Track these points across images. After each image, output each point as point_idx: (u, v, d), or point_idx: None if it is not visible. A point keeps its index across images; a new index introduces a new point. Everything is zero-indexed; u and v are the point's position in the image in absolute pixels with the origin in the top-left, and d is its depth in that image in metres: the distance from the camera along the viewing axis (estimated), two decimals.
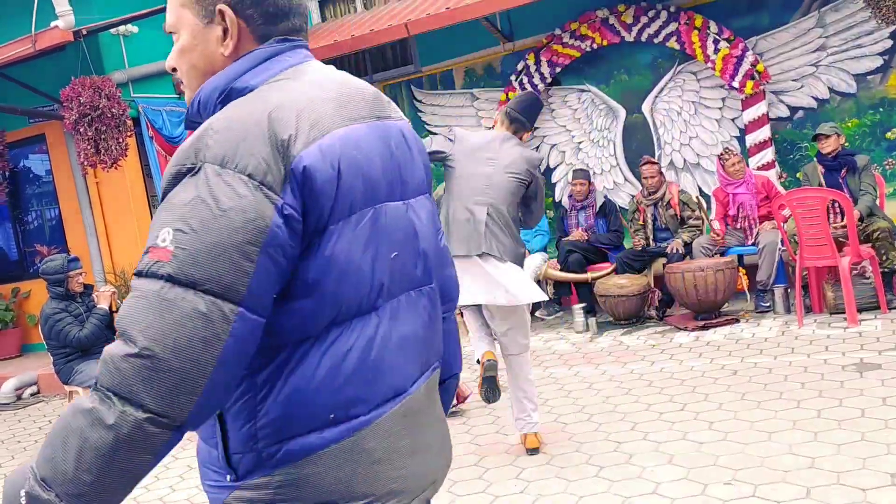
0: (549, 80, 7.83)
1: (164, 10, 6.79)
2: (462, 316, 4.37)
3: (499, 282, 3.67)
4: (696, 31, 7.02)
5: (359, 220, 1.22)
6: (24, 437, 5.97)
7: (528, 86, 7.83)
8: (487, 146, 3.85)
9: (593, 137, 7.97)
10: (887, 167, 6.76)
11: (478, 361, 4.06)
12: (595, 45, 7.54)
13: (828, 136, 6.02)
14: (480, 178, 3.76)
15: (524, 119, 3.96)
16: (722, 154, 6.57)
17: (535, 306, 7.39)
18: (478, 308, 4.00)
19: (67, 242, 8.40)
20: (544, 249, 7.34)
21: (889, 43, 6.64)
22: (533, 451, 3.91)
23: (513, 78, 7.92)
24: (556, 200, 8.14)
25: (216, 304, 1.07)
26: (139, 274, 1.11)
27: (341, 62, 9.10)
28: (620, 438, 3.93)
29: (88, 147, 6.80)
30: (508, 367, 3.95)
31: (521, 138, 3.98)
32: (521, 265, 3.86)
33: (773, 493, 3.07)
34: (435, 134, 4.58)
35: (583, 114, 7.98)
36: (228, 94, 1.25)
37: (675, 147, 7.60)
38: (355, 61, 9.04)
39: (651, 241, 6.76)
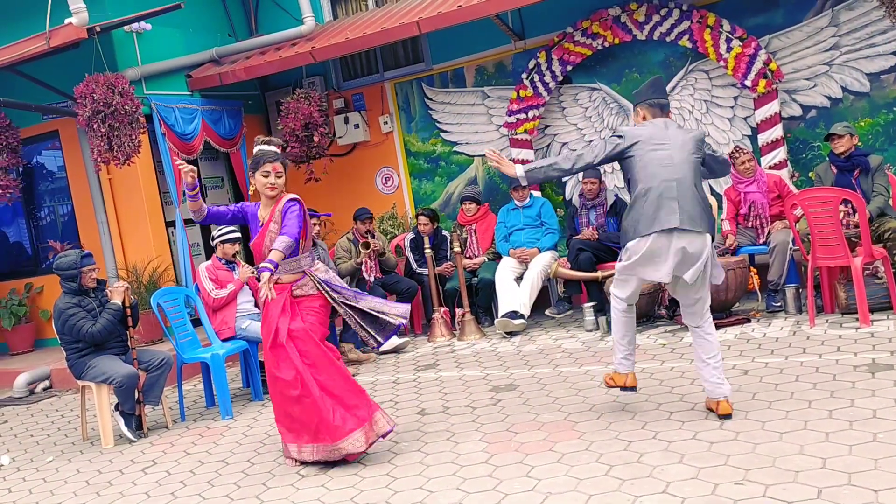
0: (560, 78, 7.82)
1: (176, 7, 6.79)
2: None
3: (693, 255, 3.94)
4: (708, 30, 6.99)
5: None
6: (36, 432, 6.02)
7: (539, 84, 7.83)
8: (656, 136, 4.11)
9: (604, 136, 7.95)
10: None
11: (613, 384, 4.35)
12: (607, 44, 7.53)
13: (841, 136, 5.99)
14: (663, 159, 4.04)
15: (667, 101, 4.34)
16: (732, 152, 6.55)
17: (545, 305, 7.40)
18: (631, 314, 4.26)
19: (80, 238, 8.44)
20: (555, 248, 7.34)
21: None
22: (726, 417, 3.97)
23: (524, 76, 7.91)
24: (567, 199, 8.14)
25: None
26: None
27: (353, 60, 9.12)
28: (630, 437, 3.93)
29: (101, 144, 6.83)
30: (695, 340, 4.12)
31: (643, 118, 4.28)
32: (713, 232, 4.08)
33: (784, 493, 3.06)
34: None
35: (594, 112, 7.97)
36: None
37: None
38: (367, 59, 9.06)
39: None
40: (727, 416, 3.97)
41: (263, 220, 4.26)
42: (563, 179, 8.03)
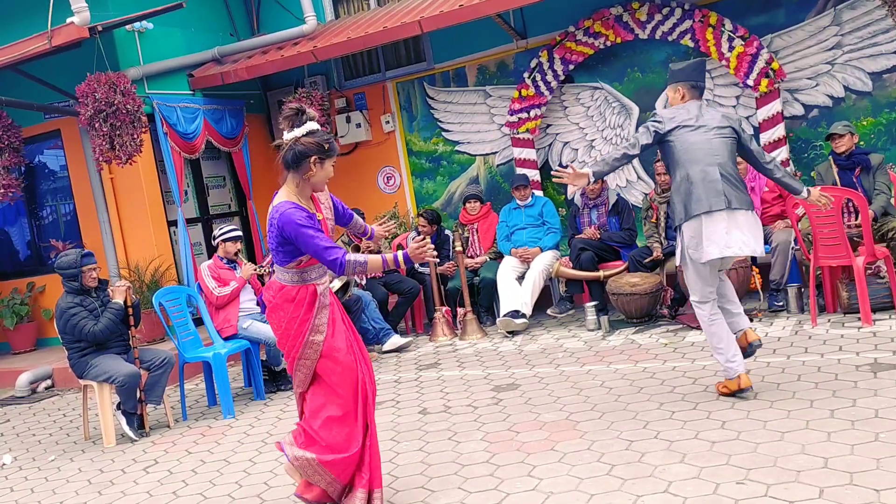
0: (562, 77, 7.82)
1: (178, 6, 6.74)
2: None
3: (744, 231, 4.13)
4: (710, 29, 6.99)
5: None
6: (38, 431, 6.02)
7: (541, 83, 7.82)
8: (692, 118, 4.26)
9: (606, 135, 7.95)
10: None
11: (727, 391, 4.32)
12: (609, 43, 7.53)
13: (842, 136, 5.99)
14: (702, 144, 4.20)
15: (704, 84, 4.48)
16: None
17: (547, 304, 7.40)
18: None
19: (82, 237, 8.45)
20: (556, 247, 7.34)
21: None
22: (746, 391, 4.19)
23: (526, 75, 7.91)
24: (569, 198, 8.14)
25: None
26: None
27: (355, 59, 9.12)
28: (632, 437, 3.93)
29: (103, 143, 6.84)
30: (728, 315, 4.34)
31: (682, 98, 4.39)
32: (753, 209, 4.25)
33: (786, 492, 3.06)
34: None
35: (596, 111, 7.97)
36: None
37: None
38: (369, 58, 9.06)
39: (664, 240, 6.73)
40: (749, 389, 4.18)
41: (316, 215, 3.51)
42: None
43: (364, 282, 7.27)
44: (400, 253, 3.39)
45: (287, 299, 3.41)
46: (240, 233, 6.26)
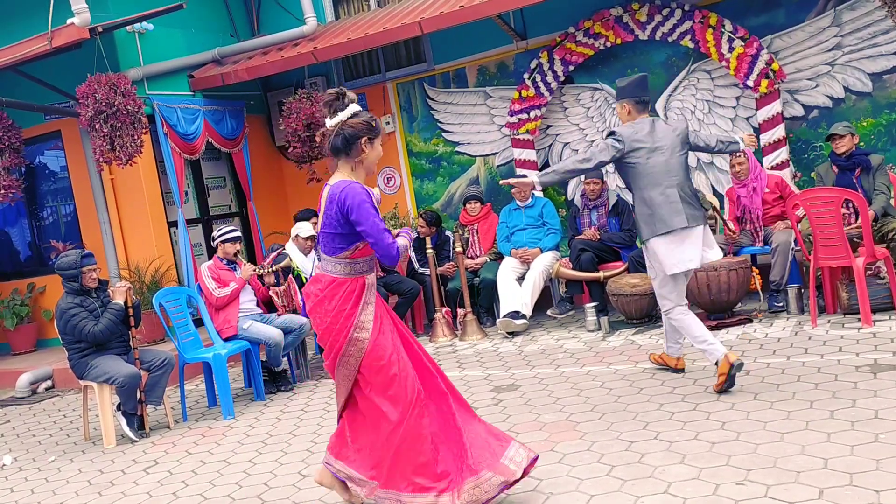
0: (562, 78, 7.82)
1: (178, 7, 6.73)
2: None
3: (699, 246, 4.52)
4: (710, 30, 6.99)
5: None
6: (38, 431, 6.02)
7: (541, 84, 7.83)
8: (649, 139, 4.53)
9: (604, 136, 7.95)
10: None
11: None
12: (609, 44, 7.53)
13: (842, 136, 5.99)
14: (661, 166, 4.50)
15: (648, 98, 4.75)
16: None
17: (547, 305, 7.40)
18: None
19: (83, 238, 8.45)
20: (556, 248, 7.34)
21: None
22: (736, 366, 4.39)
23: (526, 76, 7.91)
24: (569, 199, 8.14)
25: None
26: None
27: (355, 60, 9.12)
28: (632, 437, 3.93)
29: (104, 144, 6.84)
30: (684, 320, 4.66)
31: (629, 113, 4.66)
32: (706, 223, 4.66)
33: (786, 493, 3.06)
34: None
35: (596, 112, 7.97)
36: None
37: None
38: (369, 59, 9.06)
39: None
40: (740, 366, 4.37)
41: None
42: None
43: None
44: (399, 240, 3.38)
45: (336, 292, 3.29)
46: (239, 233, 6.25)
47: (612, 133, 4.55)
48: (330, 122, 3.40)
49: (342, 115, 3.37)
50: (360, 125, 3.34)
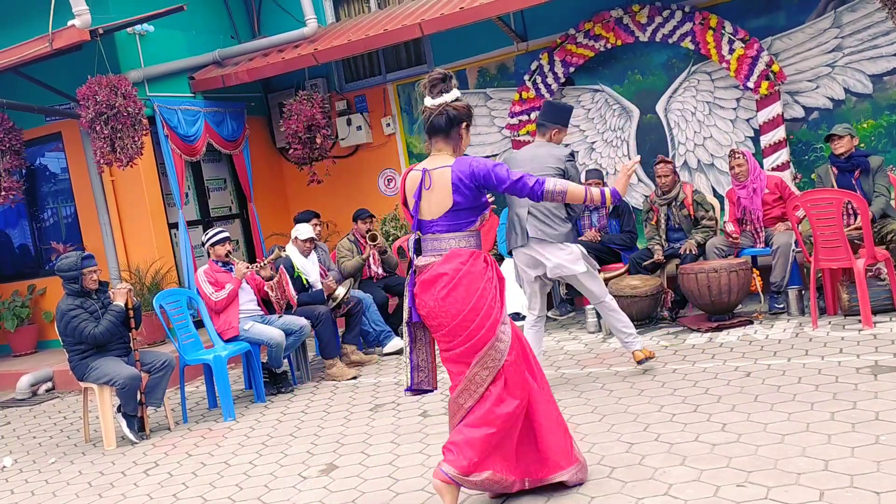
0: (562, 80, 7.82)
1: (179, 9, 6.72)
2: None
3: (541, 262, 4.96)
4: (710, 31, 6.99)
5: None
6: (39, 433, 6.02)
7: (541, 86, 7.83)
8: (529, 159, 4.92)
9: (607, 138, 7.96)
10: None
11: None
12: (609, 45, 7.53)
13: (841, 137, 5.99)
14: None
15: (543, 121, 5.14)
16: (728, 155, 6.56)
17: (548, 306, 7.38)
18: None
19: (83, 240, 8.46)
20: None
21: None
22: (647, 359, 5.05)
23: (526, 78, 7.92)
24: None
25: None
26: None
27: (355, 61, 9.13)
28: (633, 439, 3.92)
29: (104, 145, 6.85)
30: (602, 313, 5.15)
31: (551, 138, 5.10)
32: (572, 241, 5.04)
33: (787, 495, 3.06)
34: None
35: (596, 114, 7.98)
36: None
37: (689, 147, 7.58)
38: (370, 61, 9.06)
39: (664, 242, 6.73)
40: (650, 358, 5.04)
41: None
42: None
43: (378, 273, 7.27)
44: (607, 189, 3.45)
45: (482, 265, 3.28)
46: (226, 234, 6.20)
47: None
48: (432, 102, 3.39)
49: (447, 97, 3.39)
50: (463, 109, 3.40)
